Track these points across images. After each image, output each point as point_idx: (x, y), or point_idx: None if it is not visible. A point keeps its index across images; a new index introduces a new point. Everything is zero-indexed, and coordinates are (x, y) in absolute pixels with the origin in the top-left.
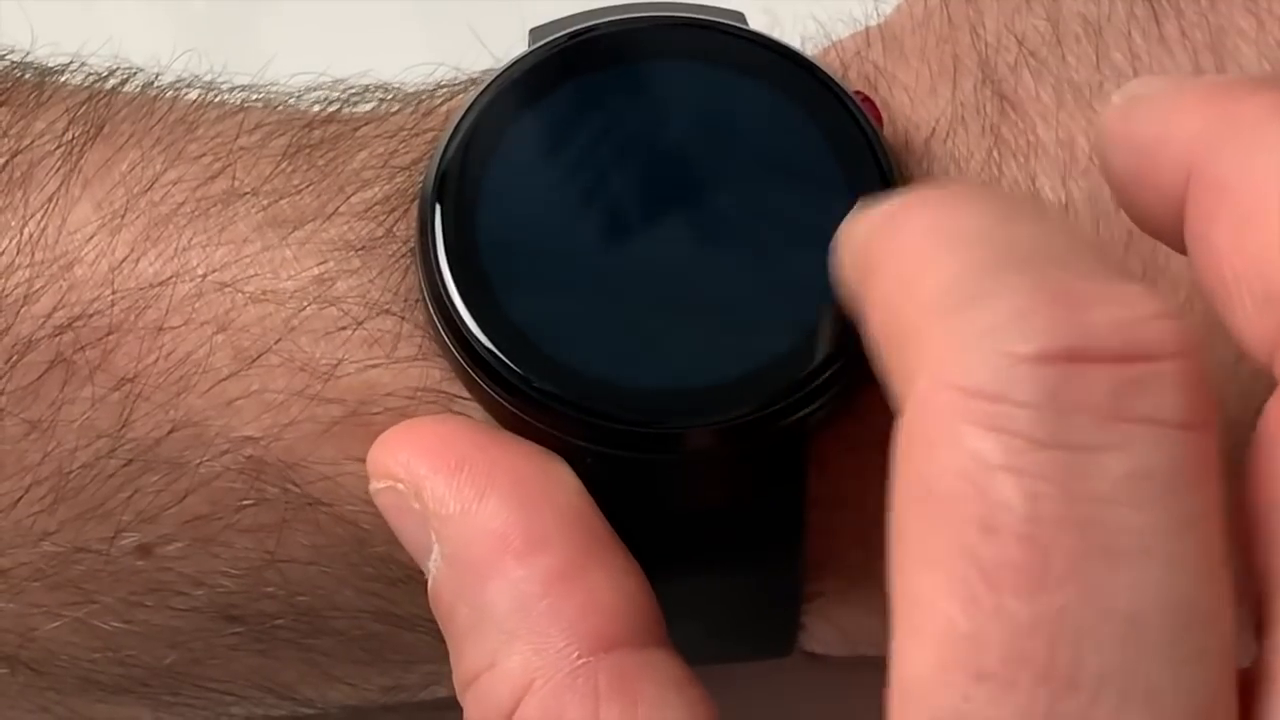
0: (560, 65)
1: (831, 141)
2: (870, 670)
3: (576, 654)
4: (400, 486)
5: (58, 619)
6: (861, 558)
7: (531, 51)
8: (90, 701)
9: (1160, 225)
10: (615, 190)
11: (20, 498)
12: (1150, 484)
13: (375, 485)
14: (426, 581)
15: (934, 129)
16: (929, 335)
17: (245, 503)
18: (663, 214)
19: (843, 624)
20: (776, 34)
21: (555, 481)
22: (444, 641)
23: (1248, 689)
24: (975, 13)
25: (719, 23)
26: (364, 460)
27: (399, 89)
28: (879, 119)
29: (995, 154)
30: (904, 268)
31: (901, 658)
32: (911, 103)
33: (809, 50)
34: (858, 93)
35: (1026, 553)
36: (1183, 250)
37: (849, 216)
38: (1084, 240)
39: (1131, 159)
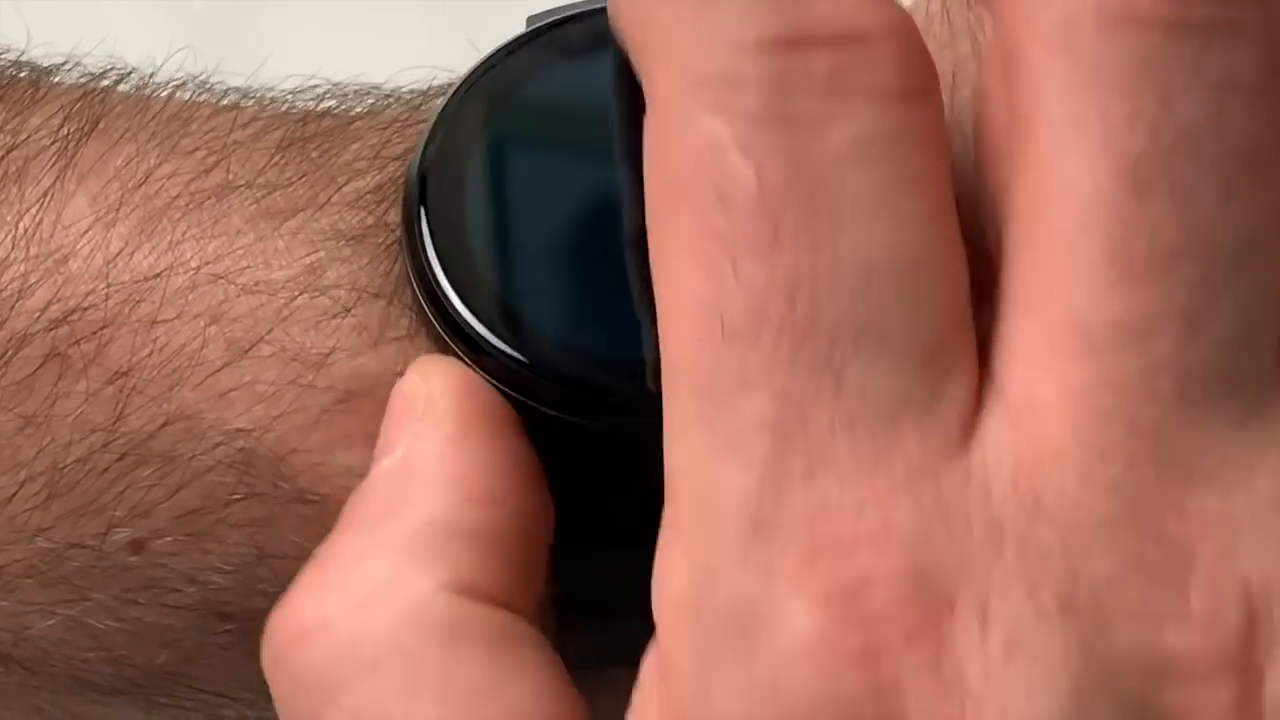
0: (548, 48)
1: None
2: None
3: None
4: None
5: (51, 617)
6: None
7: (519, 36)
8: (84, 702)
9: None
10: (601, 168)
11: (14, 493)
12: (873, 147)
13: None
14: None
15: None
16: (668, 34)
17: (235, 497)
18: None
19: None
20: None
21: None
22: None
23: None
24: (976, 19)
25: None
26: (352, 449)
27: (394, 90)
28: None
29: None
30: None
31: (665, 339)
32: None
33: None
34: None
35: (759, 220)
36: None
37: None
38: None
39: None
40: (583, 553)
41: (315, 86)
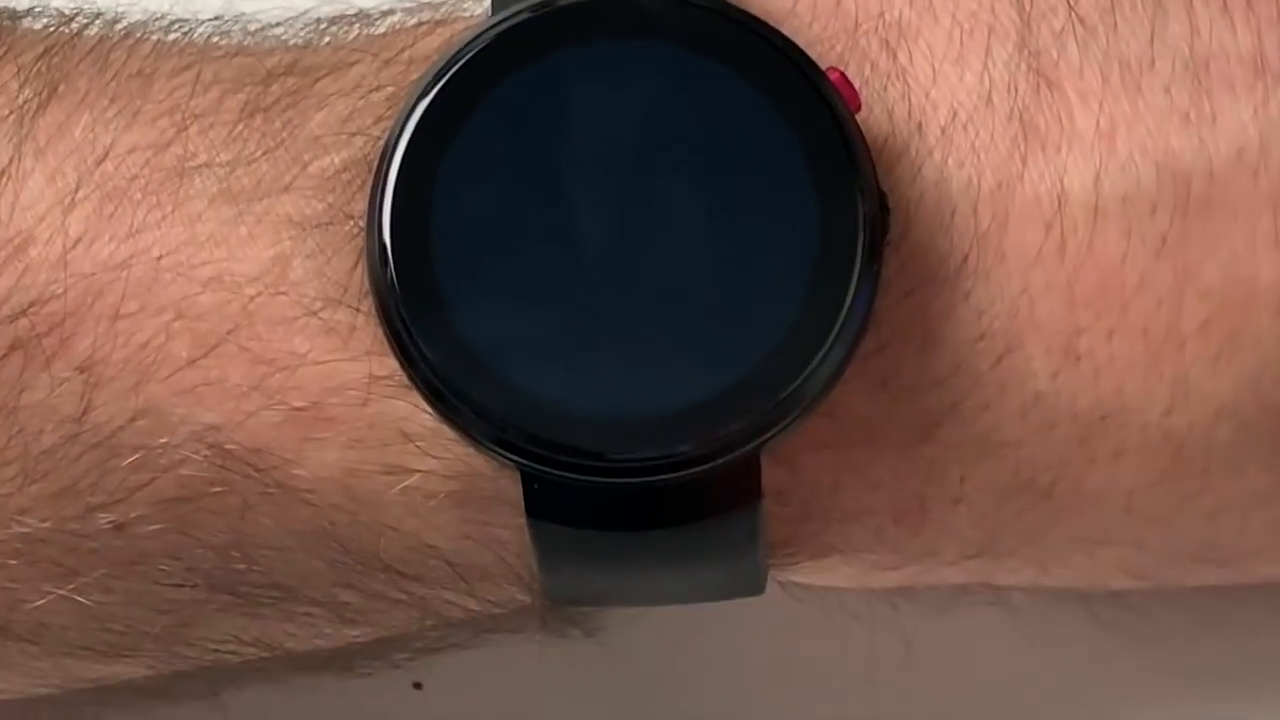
0: (513, 49)
1: (801, 138)
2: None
3: None
4: None
5: (43, 595)
6: (835, 551)
7: (480, 34)
8: (84, 667)
9: None
10: (570, 202)
11: None
12: None
13: None
14: (396, 569)
15: (954, 112)
16: None
17: (212, 489)
18: (616, 228)
19: None
20: None
21: None
22: (422, 613)
23: None
24: None
25: None
26: (324, 446)
27: (361, 27)
28: (856, 103)
29: (1021, 145)
30: None
31: None
32: (933, 74)
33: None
34: (832, 69)
35: None
36: None
37: None
38: None
39: None
40: (557, 567)
41: (282, 22)
